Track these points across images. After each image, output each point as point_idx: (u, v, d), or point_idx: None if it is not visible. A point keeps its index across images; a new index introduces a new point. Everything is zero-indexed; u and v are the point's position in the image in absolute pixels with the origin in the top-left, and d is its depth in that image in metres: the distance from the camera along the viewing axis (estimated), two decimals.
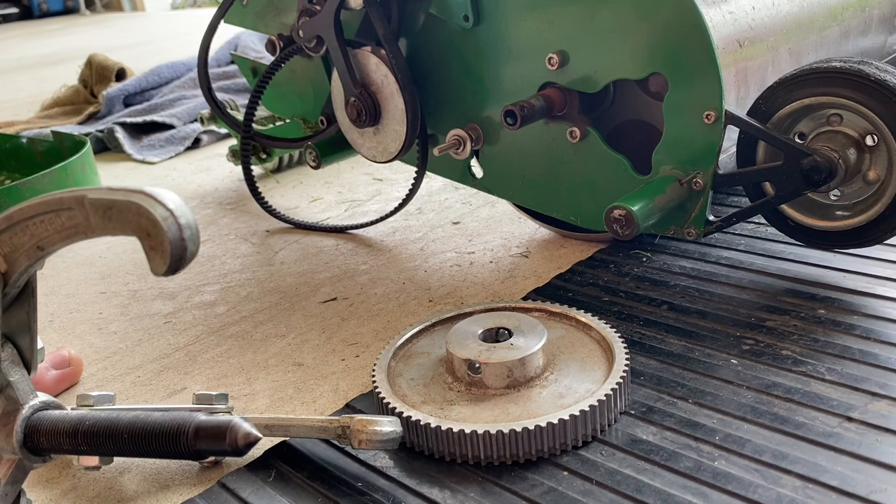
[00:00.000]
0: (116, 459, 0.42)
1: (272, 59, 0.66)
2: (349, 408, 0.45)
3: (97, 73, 1.41)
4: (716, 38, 0.46)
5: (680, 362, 0.45)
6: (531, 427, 0.38)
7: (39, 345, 0.37)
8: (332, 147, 0.68)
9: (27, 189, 0.75)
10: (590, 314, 0.47)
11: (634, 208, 0.46)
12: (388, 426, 0.38)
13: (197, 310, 0.61)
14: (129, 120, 1.21)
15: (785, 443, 0.38)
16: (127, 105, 1.32)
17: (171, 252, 0.28)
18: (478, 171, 0.61)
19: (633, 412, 0.41)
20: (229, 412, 0.42)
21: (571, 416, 0.38)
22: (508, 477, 0.38)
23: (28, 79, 2.05)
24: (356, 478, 0.39)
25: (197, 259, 0.28)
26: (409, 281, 0.62)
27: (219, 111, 0.73)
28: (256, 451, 0.41)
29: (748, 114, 0.49)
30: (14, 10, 4.19)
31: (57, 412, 0.37)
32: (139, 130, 1.20)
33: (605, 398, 0.39)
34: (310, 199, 0.85)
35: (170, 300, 0.63)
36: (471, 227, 0.71)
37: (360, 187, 0.87)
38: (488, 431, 0.38)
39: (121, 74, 1.43)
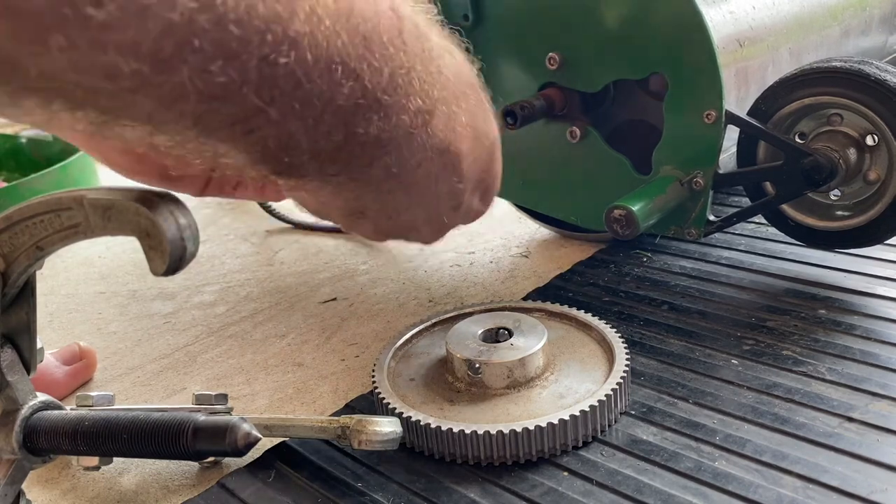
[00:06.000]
0: (116, 460, 0.42)
1: None
2: (349, 408, 0.45)
3: None
4: (716, 37, 0.46)
5: (680, 362, 0.45)
6: (531, 427, 0.37)
7: (39, 345, 0.37)
8: None
9: (27, 189, 0.75)
10: (590, 314, 0.47)
11: (635, 208, 0.46)
12: (388, 426, 0.38)
13: (197, 310, 0.61)
14: None
15: (785, 443, 0.38)
16: None
17: (170, 252, 0.28)
18: None
19: (633, 412, 0.41)
20: (229, 412, 0.42)
21: (572, 416, 0.38)
22: (508, 477, 0.38)
23: None
24: (356, 478, 0.39)
25: (197, 259, 0.28)
26: (409, 281, 0.62)
27: None
28: (256, 452, 0.41)
29: (748, 113, 0.49)
30: None
31: (56, 412, 0.37)
32: None
33: (605, 398, 0.39)
34: None
35: (169, 300, 0.63)
36: (471, 227, 0.71)
37: None
38: (488, 432, 0.37)
39: None
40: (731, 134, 0.49)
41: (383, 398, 0.41)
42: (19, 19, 0.19)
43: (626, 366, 0.41)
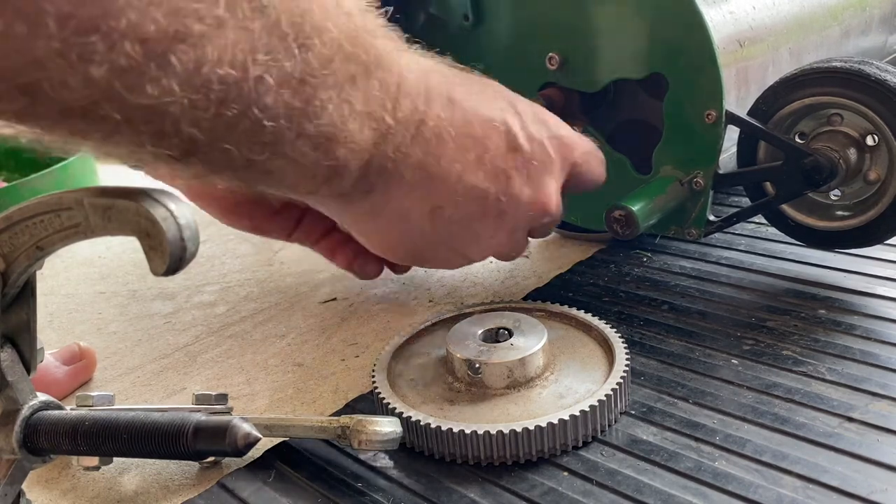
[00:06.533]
0: (116, 459, 0.42)
1: None
2: (349, 408, 0.45)
3: None
4: (716, 37, 0.46)
5: (680, 362, 0.45)
6: (531, 427, 0.37)
7: (39, 345, 0.37)
8: None
9: (27, 189, 0.75)
10: (590, 314, 0.47)
11: (635, 208, 0.46)
12: (388, 426, 0.38)
13: (197, 310, 0.61)
14: None
15: (785, 443, 0.38)
16: None
17: (170, 252, 0.28)
18: None
19: (633, 412, 0.41)
20: (229, 412, 0.42)
21: (572, 416, 0.38)
22: (508, 477, 0.38)
23: None
24: (356, 478, 0.39)
25: (197, 259, 0.28)
26: (409, 281, 0.62)
27: None
28: (256, 451, 0.41)
29: (748, 113, 0.49)
30: None
31: (56, 412, 0.37)
32: None
33: (605, 398, 0.39)
34: None
35: (169, 300, 0.63)
36: None
37: None
38: (488, 432, 0.38)
39: None
40: (731, 134, 0.49)
41: (383, 398, 0.41)
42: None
43: (626, 366, 0.41)
